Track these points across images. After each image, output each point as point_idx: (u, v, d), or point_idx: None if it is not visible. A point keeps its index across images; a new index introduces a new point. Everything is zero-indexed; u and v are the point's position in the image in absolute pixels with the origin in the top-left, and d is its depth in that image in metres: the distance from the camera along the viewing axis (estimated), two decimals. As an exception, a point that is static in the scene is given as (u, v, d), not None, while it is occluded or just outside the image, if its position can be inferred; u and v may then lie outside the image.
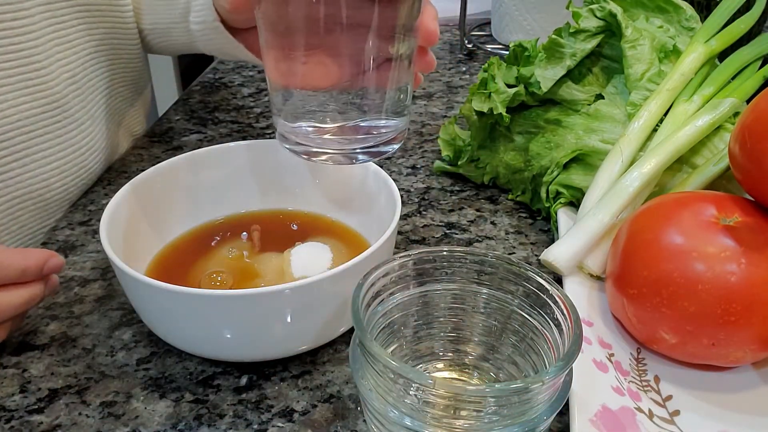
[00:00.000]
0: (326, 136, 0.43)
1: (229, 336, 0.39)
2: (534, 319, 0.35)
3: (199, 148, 0.50)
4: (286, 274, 0.45)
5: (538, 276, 0.35)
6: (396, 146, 0.44)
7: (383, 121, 0.43)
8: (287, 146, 0.44)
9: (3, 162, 0.53)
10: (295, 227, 0.51)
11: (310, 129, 0.43)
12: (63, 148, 0.57)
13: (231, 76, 0.86)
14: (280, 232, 0.50)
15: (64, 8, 0.56)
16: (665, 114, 0.50)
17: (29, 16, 0.52)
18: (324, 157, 0.43)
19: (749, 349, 0.38)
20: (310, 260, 0.46)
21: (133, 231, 0.45)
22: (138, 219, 0.46)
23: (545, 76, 0.54)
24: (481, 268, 0.37)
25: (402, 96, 0.43)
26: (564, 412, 0.37)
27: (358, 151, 0.43)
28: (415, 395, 0.31)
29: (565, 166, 0.53)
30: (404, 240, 0.54)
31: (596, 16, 0.54)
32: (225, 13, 0.56)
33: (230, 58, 0.62)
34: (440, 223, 0.56)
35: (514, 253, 0.53)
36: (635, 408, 0.37)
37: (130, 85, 0.68)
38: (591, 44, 0.54)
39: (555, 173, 0.53)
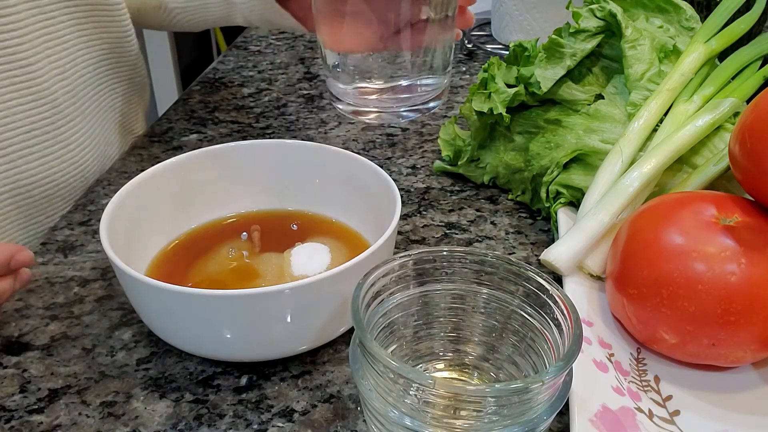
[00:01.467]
0: (374, 96, 0.45)
1: (229, 336, 0.39)
2: (534, 319, 0.35)
3: (199, 148, 0.50)
4: (286, 274, 0.45)
5: (538, 276, 0.35)
6: (439, 102, 0.47)
7: (428, 79, 0.45)
8: (339, 107, 0.47)
9: None
10: (295, 227, 0.51)
11: (359, 89, 0.46)
12: (51, 144, 0.57)
13: (231, 76, 0.86)
14: (280, 232, 0.50)
15: (52, 3, 0.56)
16: (665, 114, 0.50)
17: (15, 13, 0.53)
18: (372, 116, 0.46)
19: (749, 349, 0.38)
20: (309, 260, 0.46)
21: (133, 231, 0.45)
22: (138, 219, 0.46)
23: (545, 76, 0.53)
24: (481, 268, 0.37)
25: (447, 54, 0.45)
26: (564, 412, 0.37)
27: (403, 109, 0.46)
28: (415, 395, 0.31)
29: (565, 166, 0.53)
30: (404, 240, 0.54)
31: (596, 16, 0.54)
32: None
33: (269, 26, 0.63)
34: (440, 223, 0.56)
35: (514, 253, 0.53)
36: (635, 408, 0.37)
37: (125, 82, 0.68)
38: (591, 44, 0.54)
39: (555, 173, 0.53)
